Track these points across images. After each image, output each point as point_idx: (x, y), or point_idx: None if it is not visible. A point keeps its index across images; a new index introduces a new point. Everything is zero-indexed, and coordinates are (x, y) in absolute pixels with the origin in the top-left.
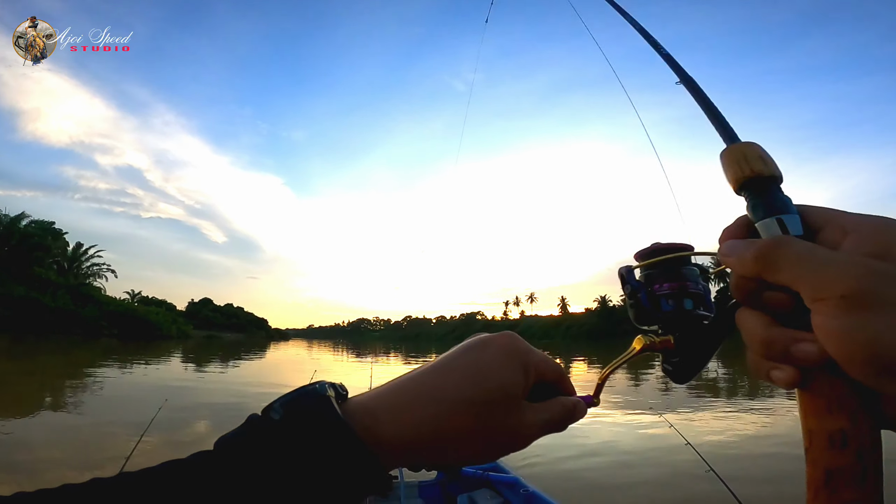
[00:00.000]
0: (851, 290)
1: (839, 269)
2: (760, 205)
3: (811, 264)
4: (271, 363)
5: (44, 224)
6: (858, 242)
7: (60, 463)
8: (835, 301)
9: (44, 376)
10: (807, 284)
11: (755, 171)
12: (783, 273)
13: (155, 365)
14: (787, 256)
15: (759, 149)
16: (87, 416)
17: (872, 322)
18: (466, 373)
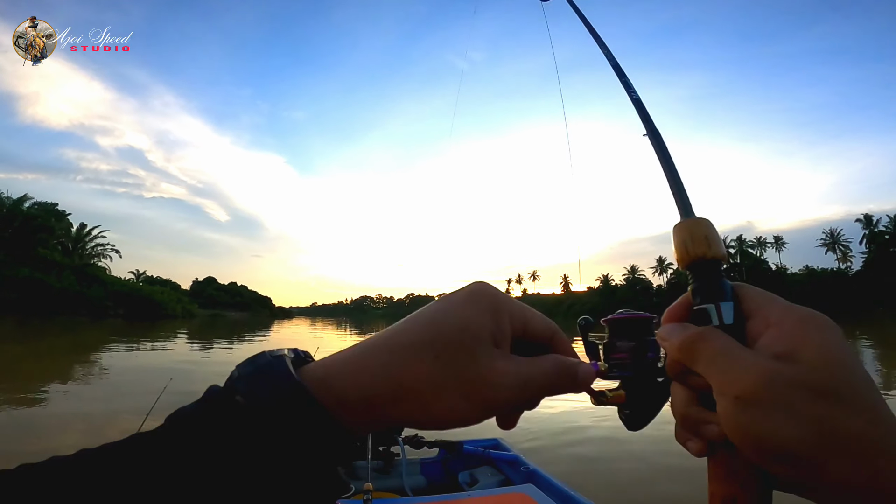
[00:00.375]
0: (745, 392)
1: (740, 372)
2: (699, 290)
3: (719, 364)
4: (275, 342)
5: (47, 206)
6: (774, 338)
7: (69, 446)
8: (730, 398)
9: (51, 358)
10: (713, 381)
11: (698, 254)
12: (698, 366)
13: (161, 344)
14: (704, 352)
15: (706, 228)
16: (95, 398)
17: (757, 421)
18: (427, 317)
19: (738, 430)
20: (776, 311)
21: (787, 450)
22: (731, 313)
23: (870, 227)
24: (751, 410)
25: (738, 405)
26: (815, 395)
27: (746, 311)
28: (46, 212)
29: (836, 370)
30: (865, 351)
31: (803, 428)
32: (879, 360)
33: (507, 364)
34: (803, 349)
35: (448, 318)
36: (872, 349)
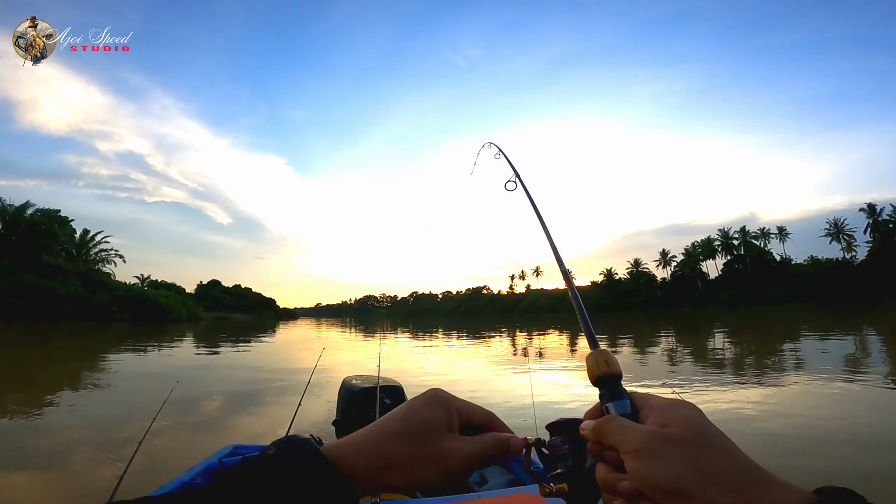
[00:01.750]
0: (638, 446)
1: (634, 435)
2: (606, 395)
3: (620, 433)
4: (280, 343)
5: (49, 212)
6: (654, 417)
7: (80, 448)
8: (631, 454)
9: (60, 363)
10: (619, 444)
11: (604, 372)
12: (608, 439)
13: (167, 348)
14: (609, 429)
15: (608, 355)
16: (104, 401)
17: (651, 466)
18: (402, 415)
19: (639, 477)
20: (655, 401)
21: (675, 486)
22: (627, 407)
23: (874, 215)
24: (644, 459)
25: (635, 457)
26: (684, 444)
27: (637, 406)
28: (49, 218)
29: (697, 428)
30: (872, 342)
31: (681, 468)
32: (888, 353)
33: (457, 443)
34: (674, 418)
35: (415, 414)
36: (880, 340)
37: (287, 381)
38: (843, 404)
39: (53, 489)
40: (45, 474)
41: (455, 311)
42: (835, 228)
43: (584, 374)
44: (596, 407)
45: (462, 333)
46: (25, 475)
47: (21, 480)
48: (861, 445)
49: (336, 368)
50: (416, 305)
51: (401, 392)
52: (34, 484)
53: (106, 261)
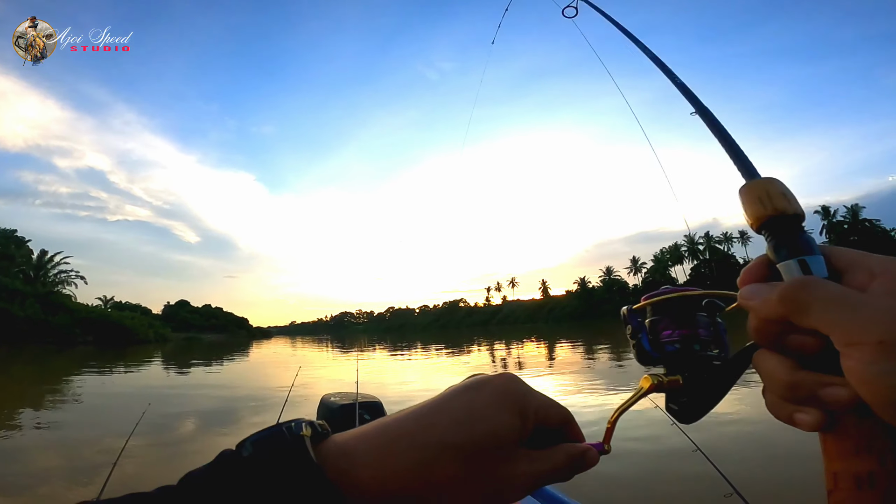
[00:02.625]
0: (888, 335)
1: (874, 314)
2: (783, 245)
3: (844, 308)
4: (254, 362)
5: (5, 232)
6: (888, 287)
7: (50, 473)
8: (870, 346)
9: (21, 388)
10: (840, 329)
11: (778, 210)
12: (812, 316)
13: (135, 370)
14: (817, 299)
15: (781, 185)
16: (72, 425)
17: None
18: (456, 416)
19: (884, 384)
20: (877, 261)
21: None
22: (822, 267)
23: (828, 217)
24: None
25: (882, 352)
26: None
27: (839, 267)
28: (5, 238)
29: None
30: None
31: None
32: None
33: (530, 465)
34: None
35: (479, 420)
36: None
37: (263, 401)
38: None
39: None
40: (14, 501)
41: (433, 325)
42: None
43: (571, 379)
44: (759, 262)
45: (440, 347)
46: None
47: None
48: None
49: (314, 386)
50: (394, 320)
51: (380, 407)
52: None
53: (66, 282)
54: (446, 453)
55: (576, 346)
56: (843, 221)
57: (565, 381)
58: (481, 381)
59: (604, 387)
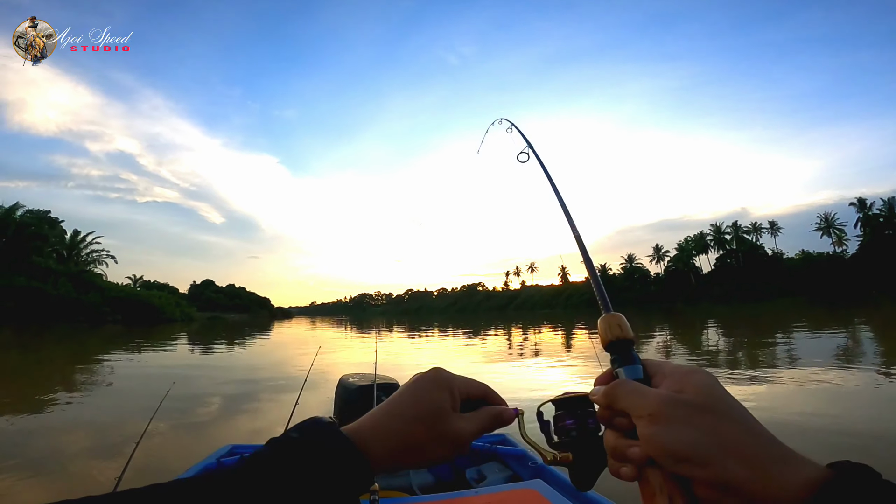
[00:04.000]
0: (653, 411)
1: (648, 399)
2: (618, 360)
3: (633, 397)
4: (276, 342)
5: (39, 213)
6: (669, 383)
7: (78, 450)
8: (645, 418)
9: (53, 366)
10: (631, 409)
11: (616, 336)
12: (620, 403)
13: (161, 349)
14: (621, 393)
15: (621, 319)
16: (100, 403)
17: (666, 431)
18: (411, 397)
19: (653, 442)
20: (669, 367)
21: (689, 453)
22: (639, 373)
23: (864, 210)
24: (657, 424)
25: (649, 422)
26: (700, 410)
27: (649, 373)
28: (39, 219)
29: (712, 395)
30: (864, 337)
31: (697, 434)
32: (881, 348)
33: (462, 422)
34: (689, 385)
35: (427, 398)
36: (872, 335)
37: (284, 380)
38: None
39: (50, 490)
40: (41, 475)
41: (450, 309)
42: (825, 223)
43: (582, 369)
44: (607, 373)
45: (458, 330)
46: (22, 477)
47: (17, 483)
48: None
49: (333, 366)
50: (412, 303)
51: (397, 388)
52: (31, 485)
53: (97, 262)
54: (409, 423)
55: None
56: (879, 214)
57: (578, 368)
58: (420, 375)
59: None
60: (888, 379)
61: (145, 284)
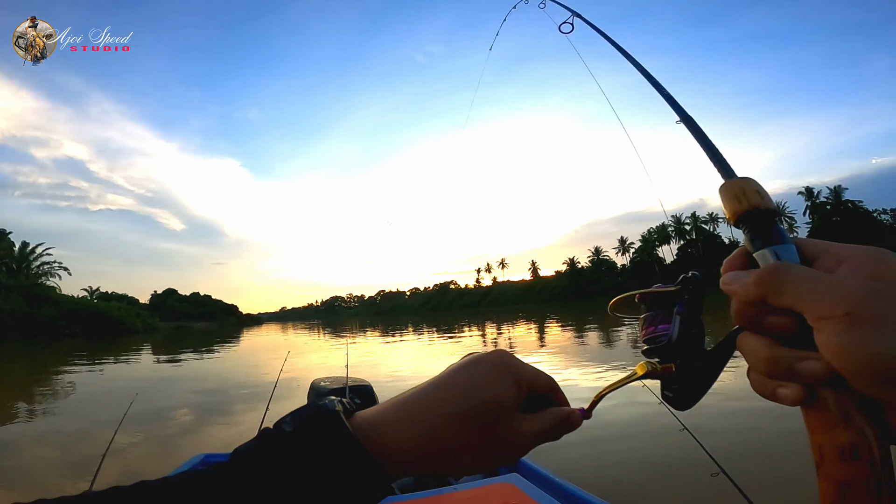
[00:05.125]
0: (854, 307)
1: (841, 290)
2: (758, 237)
3: (813, 286)
4: (245, 349)
5: None
6: (853, 268)
7: (45, 464)
8: (838, 319)
9: (10, 382)
10: (811, 305)
11: (753, 205)
12: (786, 296)
13: (124, 361)
14: (789, 280)
15: (755, 184)
16: (62, 418)
17: (874, 337)
18: (460, 389)
19: (854, 352)
20: (843, 249)
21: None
22: (794, 255)
23: (811, 198)
24: (866, 326)
25: (850, 323)
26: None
27: (810, 255)
28: None
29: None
30: None
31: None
32: None
33: (526, 426)
34: (888, 273)
35: (481, 391)
36: None
37: (254, 387)
38: None
39: None
40: (4, 494)
41: (424, 308)
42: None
43: (565, 360)
44: (739, 254)
45: (432, 329)
46: None
47: None
48: None
49: (305, 371)
50: (385, 304)
51: (370, 391)
52: None
53: (49, 274)
54: (456, 421)
55: (566, 326)
56: (826, 202)
57: (556, 359)
58: (478, 358)
59: (593, 365)
60: None
61: (103, 296)
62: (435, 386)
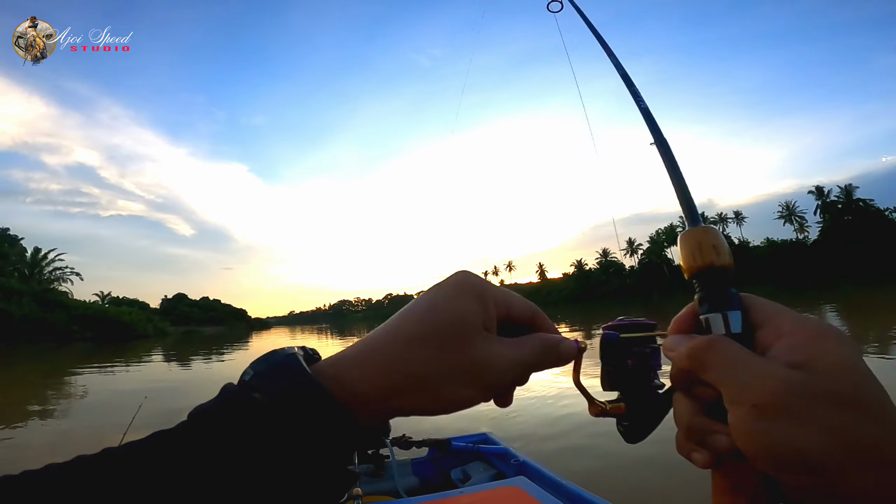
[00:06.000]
0: (762, 401)
1: (757, 380)
2: (707, 299)
3: (734, 371)
4: (253, 353)
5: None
6: (788, 348)
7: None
8: (747, 408)
9: (23, 388)
10: (727, 388)
11: (707, 263)
12: (710, 374)
13: (135, 365)
14: (716, 360)
15: (714, 237)
16: (73, 420)
17: (776, 430)
18: (420, 312)
19: (754, 440)
20: (788, 321)
21: (807, 459)
22: (739, 322)
23: (822, 197)
24: (769, 419)
25: (755, 414)
26: (833, 403)
27: (755, 321)
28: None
29: (853, 379)
30: (832, 318)
31: (824, 436)
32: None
33: (500, 347)
34: (820, 359)
35: (441, 310)
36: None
37: None
38: None
39: None
40: None
41: None
42: (787, 211)
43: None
44: (688, 313)
45: None
46: None
47: None
48: None
49: None
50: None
51: None
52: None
53: (62, 279)
54: (418, 342)
55: (573, 328)
56: (836, 201)
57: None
58: (440, 282)
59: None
60: None
61: (114, 301)
62: (396, 315)
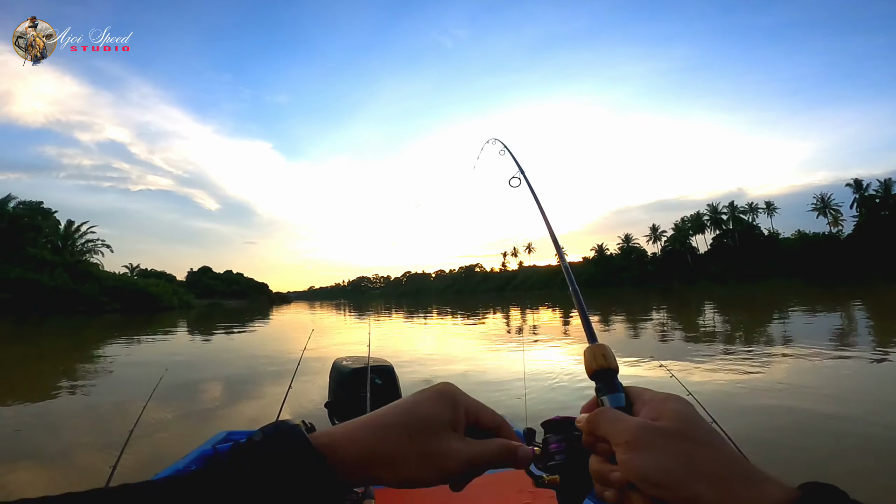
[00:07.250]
0: (628, 438)
1: (625, 427)
2: (601, 389)
3: (612, 425)
4: (274, 327)
5: (32, 204)
6: (647, 411)
7: (76, 438)
8: (622, 445)
9: (53, 359)
10: (611, 436)
11: (600, 366)
12: (601, 430)
13: (161, 337)
14: (602, 421)
15: (605, 349)
16: (99, 390)
17: (641, 458)
18: (404, 407)
19: (629, 468)
20: (650, 396)
21: (662, 478)
22: (621, 401)
23: (860, 191)
24: (634, 451)
25: (626, 449)
26: (674, 436)
27: (632, 400)
28: (32, 210)
29: (686, 421)
30: (860, 317)
31: (670, 460)
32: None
33: (459, 444)
34: (665, 412)
35: (419, 408)
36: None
37: (281, 365)
38: None
39: (48, 478)
40: (40, 465)
41: (448, 290)
42: (821, 203)
43: (576, 349)
44: (592, 401)
45: (456, 312)
46: (21, 468)
47: (16, 474)
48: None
49: (330, 350)
50: (410, 285)
51: (391, 371)
52: (30, 476)
53: (93, 251)
54: (396, 429)
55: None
56: (875, 195)
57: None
58: (425, 388)
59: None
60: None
61: (142, 273)
62: (386, 407)
